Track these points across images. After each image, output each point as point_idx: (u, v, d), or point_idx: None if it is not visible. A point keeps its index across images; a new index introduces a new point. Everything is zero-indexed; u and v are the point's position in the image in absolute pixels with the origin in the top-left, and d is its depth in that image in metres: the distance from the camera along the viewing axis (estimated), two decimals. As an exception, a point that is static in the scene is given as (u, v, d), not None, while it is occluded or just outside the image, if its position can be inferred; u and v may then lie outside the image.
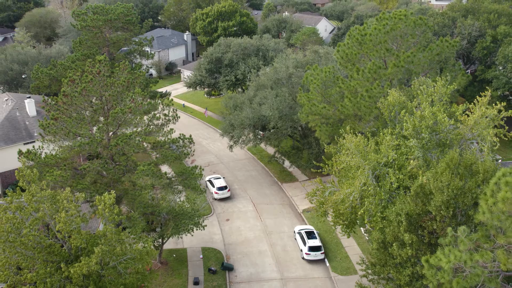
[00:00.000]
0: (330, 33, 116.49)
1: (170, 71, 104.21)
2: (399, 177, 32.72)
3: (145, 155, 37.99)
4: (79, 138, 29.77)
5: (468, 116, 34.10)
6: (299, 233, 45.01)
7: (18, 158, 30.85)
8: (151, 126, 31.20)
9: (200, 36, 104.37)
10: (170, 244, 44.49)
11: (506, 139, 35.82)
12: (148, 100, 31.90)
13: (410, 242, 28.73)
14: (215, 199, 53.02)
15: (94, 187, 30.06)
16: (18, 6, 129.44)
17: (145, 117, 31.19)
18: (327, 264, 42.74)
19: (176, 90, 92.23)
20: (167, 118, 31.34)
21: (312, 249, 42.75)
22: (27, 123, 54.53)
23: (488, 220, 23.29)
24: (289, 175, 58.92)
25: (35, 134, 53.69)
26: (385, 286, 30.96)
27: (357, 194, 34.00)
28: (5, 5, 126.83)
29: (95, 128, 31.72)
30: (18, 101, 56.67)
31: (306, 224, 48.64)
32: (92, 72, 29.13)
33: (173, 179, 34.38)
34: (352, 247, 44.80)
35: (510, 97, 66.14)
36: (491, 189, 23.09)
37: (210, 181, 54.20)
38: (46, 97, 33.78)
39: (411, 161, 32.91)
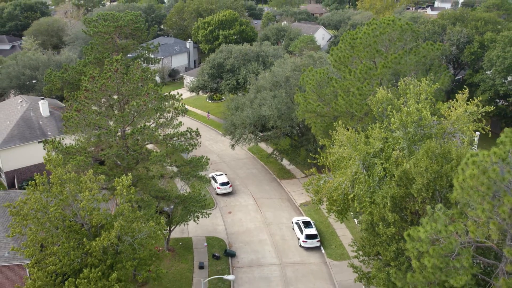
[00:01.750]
0: (327, 41, 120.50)
1: (173, 78, 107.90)
2: (385, 167, 36.13)
3: (157, 147, 41.10)
4: (97, 130, 33.16)
5: (451, 111, 37.59)
6: (297, 223, 48.30)
7: (44, 146, 34.21)
8: (162, 119, 34.64)
9: (202, 44, 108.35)
10: (176, 233, 47.75)
11: (484, 132, 39.34)
12: (160, 94, 35.21)
13: (393, 220, 32.12)
14: (218, 194, 56.31)
15: (112, 172, 33.42)
16: (25, 16, 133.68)
17: (158, 111, 34.54)
18: (323, 251, 45.98)
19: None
20: (176, 111, 34.81)
21: (309, 237, 46.03)
22: (41, 123, 57.94)
23: (460, 196, 26.68)
24: (287, 172, 62.31)
25: (49, 133, 57.18)
26: (374, 264, 34.16)
27: (348, 182, 37.39)
28: (12, 14, 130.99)
29: (111, 122, 35.16)
30: (32, 103, 60.13)
31: (303, 216, 51.92)
32: (110, 70, 32.65)
33: (181, 167, 37.75)
34: (346, 236, 48.05)
35: (497, 100, 69.72)
36: (462, 168, 26.53)
37: (213, 177, 57.50)
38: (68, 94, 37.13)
39: (395, 152, 36.40)
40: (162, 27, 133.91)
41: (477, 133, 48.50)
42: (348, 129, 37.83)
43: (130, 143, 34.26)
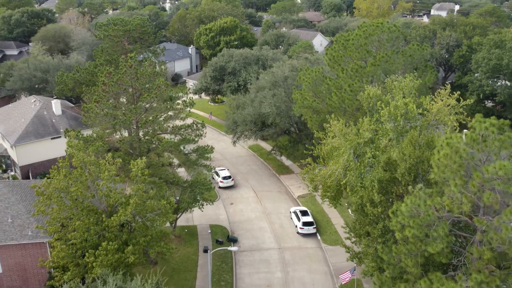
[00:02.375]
0: (325, 47, 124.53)
1: (176, 82, 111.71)
2: (374, 154, 39.71)
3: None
4: (113, 120, 36.73)
5: (432, 105, 41.27)
6: (294, 212, 51.78)
7: (65, 134, 37.73)
8: (171, 112, 38.22)
9: (203, 50, 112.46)
10: (182, 221, 51.17)
11: (465, 122, 42.95)
12: (171, 88, 38.86)
13: (379, 201, 35.64)
14: (221, 187, 59.80)
15: (127, 157, 36.91)
16: (32, 23, 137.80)
17: (167, 104, 38.15)
18: (318, 237, 49.41)
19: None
20: (185, 103, 38.41)
21: (306, 224, 49.48)
22: (53, 120, 61.54)
23: (437, 175, 30.21)
24: (286, 168, 65.85)
25: (61, 130, 60.70)
26: (363, 241, 37.60)
27: (341, 170, 40.98)
28: (20, 21, 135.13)
29: (126, 113, 38.74)
30: (44, 102, 63.80)
31: (300, 206, 55.38)
32: (125, 66, 36.27)
33: (189, 154, 41.32)
34: (340, 224, 51.31)
35: (485, 101, 73.46)
36: (438, 150, 30.10)
37: (216, 172, 60.99)
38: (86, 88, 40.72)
39: (384, 140, 40.01)
40: (165, 33, 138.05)
41: (465, 130, 52.16)
42: (339, 120, 41.35)
43: (143, 133, 37.83)
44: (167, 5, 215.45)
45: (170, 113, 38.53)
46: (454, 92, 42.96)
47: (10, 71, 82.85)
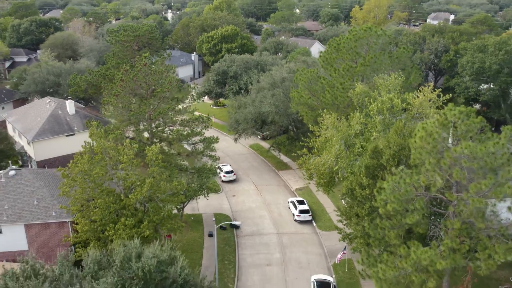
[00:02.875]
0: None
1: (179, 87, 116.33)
2: (363, 144, 44.22)
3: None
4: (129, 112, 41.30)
5: (414, 99, 45.87)
6: (292, 202, 56.15)
7: (87, 124, 42.18)
8: (181, 105, 42.75)
9: (206, 57, 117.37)
10: (188, 210, 55.49)
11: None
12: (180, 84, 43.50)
13: (367, 184, 40.02)
14: (223, 181, 64.20)
15: (142, 145, 41.38)
16: (40, 31, 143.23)
17: (177, 98, 42.76)
18: (314, 224, 53.72)
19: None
20: (193, 97, 43.01)
21: (302, 212, 53.82)
22: (68, 119, 66.08)
23: (414, 156, 34.69)
24: (284, 165, 70.30)
25: (75, 128, 65.30)
26: (352, 220, 41.92)
27: (333, 159, 45.45)
28: (29, 30, 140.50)
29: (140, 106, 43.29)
30: (59, 103, 68.40)
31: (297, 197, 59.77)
32: (140, 64, 40.86)
33: (197, 144, 45.83)
34: (333, 213, 55.67)
35: (472, 102, 78.05)
36: (415, 134, 34.58)
37: (219, 167, 65.41)
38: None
39: (373, 133, 44.54)
40: (168, 41, 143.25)
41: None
42: (331, 114, 45.91)
43: (155, 125, 42.36)
44: (169, 15, 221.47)
45: (179, 106, 43.06)
46: (444, 94, 47.37)
47: (23, 76, 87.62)
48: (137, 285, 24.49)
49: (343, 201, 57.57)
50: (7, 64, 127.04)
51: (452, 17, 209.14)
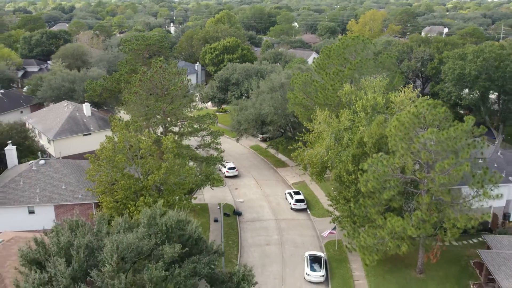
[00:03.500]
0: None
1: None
2: (350, 137, 50.55)
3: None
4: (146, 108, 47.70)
5: (396, 97, 52.33)
6: (289, 193, 62.31)
7: (109, 118, 48.47)
8: (192, 103, 49.23)
9: (208, 67, 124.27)
10: (195, 201, 61.41)
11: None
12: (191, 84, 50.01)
13: (353, 170, 46.23)
14: (226, 176, 70.36)
15: (157, 136, 47.72)
16: (50, 43, 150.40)
17: (188, 97, 49.19)
18: (308, 212, 59.79)
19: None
20: (202, 96, 49.32)
21: (298, 201, 59.93)
22: (84, 120, 72.48)
23: (390, 142, 41.00)
24: (282, 163, 76.55)
25: (91, 128, 71.64)
26: (340, 201, 48.03)
27: (324, 150, 51.74)
28: (40, 41, 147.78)
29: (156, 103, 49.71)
30: (76, 106, 74.85)
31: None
32: (156, 66, 47.30)
33: (205, 136, 52.18)
34: (326, 203, 61.76)
35: (457, 107, 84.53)
36: (391, 124, 40.94)
37: (222, 164, 71.58)
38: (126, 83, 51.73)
39: (360, 127, 50.89)
40: (173, 53, 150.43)
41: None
42: (323, 111, 52.32)
43: (169, 120, 48.73)
44: (172, 29, 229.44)
45: (191, 104, 49.50)
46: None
47: (39, 83, 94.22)
48: (160, 238, 30.50)
49: (333, 188, 63.82)
50: (20, 73, 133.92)
51: (446, 30, 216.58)
